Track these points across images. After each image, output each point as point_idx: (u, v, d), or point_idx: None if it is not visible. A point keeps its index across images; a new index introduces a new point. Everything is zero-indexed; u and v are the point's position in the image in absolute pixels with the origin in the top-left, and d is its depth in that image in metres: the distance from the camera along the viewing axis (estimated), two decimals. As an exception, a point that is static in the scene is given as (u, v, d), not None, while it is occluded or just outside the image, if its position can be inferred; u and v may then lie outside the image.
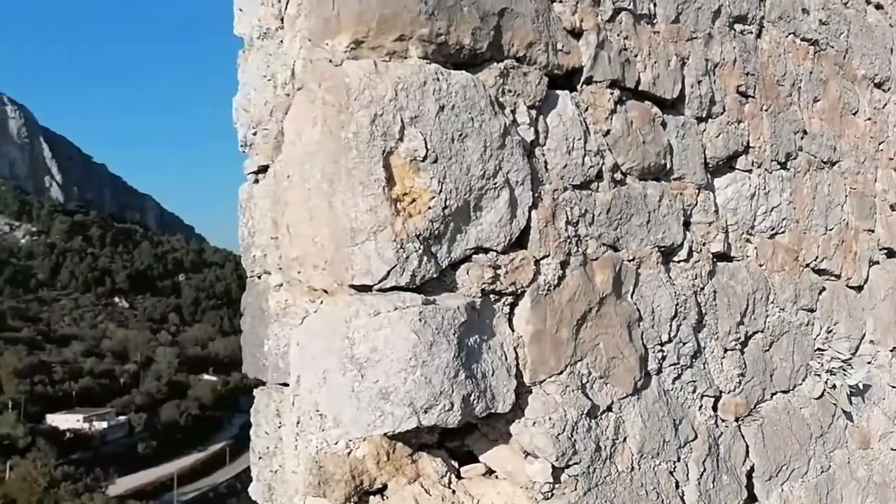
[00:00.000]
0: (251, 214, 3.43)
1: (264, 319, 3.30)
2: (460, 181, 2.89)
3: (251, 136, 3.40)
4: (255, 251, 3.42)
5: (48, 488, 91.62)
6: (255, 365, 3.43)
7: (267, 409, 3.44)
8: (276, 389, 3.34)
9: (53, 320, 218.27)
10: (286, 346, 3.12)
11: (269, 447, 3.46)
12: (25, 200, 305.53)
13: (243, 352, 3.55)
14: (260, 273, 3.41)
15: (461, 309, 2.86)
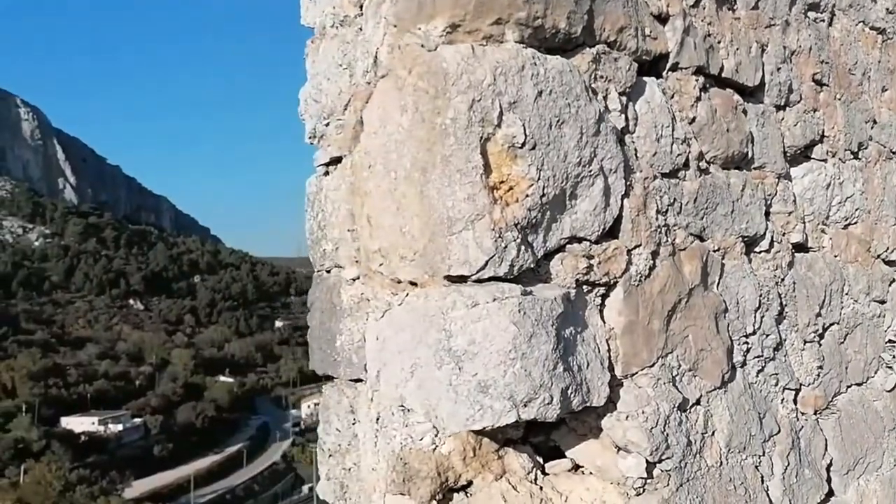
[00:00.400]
0: (321, 207, 3.36)
1: (336, 314, 3.24)
2: (557, 168, 2.82)
3: (322, 128, 3.34)
4: (325, 245, 3.36)
5: (63, 492, 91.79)
6: (325, 361, 3.35)
7: (338, 405, 3.36)
8: (348, 385, 3.28)
9: (68, 323, 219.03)
10: (360, 340, 3.08)
11: (341, 444, 3.38)
12: (39, 202, 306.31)
13: (311, 348, 3.48)
14: (330, 267, 3.35)
15: (558, 300, 2.78)
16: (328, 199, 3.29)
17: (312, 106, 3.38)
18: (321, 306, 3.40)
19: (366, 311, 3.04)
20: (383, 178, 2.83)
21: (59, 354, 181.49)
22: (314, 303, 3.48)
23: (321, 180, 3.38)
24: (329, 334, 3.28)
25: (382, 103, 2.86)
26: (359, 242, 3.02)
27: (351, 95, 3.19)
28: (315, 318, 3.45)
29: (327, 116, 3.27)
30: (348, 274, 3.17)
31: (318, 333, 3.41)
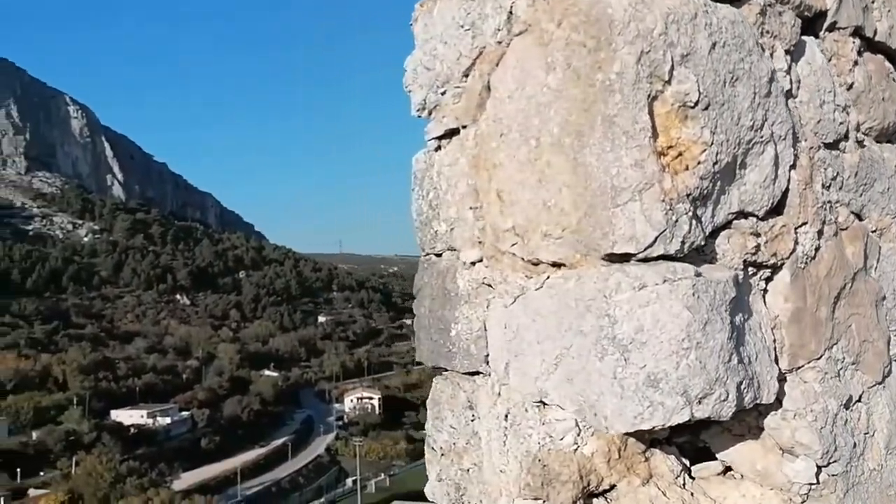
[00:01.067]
0: (433, 185, 3.07)
1: (450, 301, 2.96)
2: (731, 132, 2.50)
3: (436, 97, 3.02)
4: (437, 226, 3.06)
5: (114, 483, 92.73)
6: (436, 352, 3.07)
7: (453, 399, 3.06)
8: (465, 378, 2.99)
9: (116, 317, 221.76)
10: (480, 329, 2.80)
11: (456, 443, 3.05)
12: (88, 199, 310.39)
13: (418, 338, 3.22)
14: (442, 250, 3.07)
15: (730, 283, 2.47)
16: (442, 175, 3.01)
17: (423, 74, 3.07)
18: (431, 293, 3.12)
19: (486, 297, 2.77)
20: (520, 147, 2.54)
21: (108, 348, 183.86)
22: (422, 289, 3.20)
23: (432, 155, 3.09)
24: (442, 323, 3.01)
25: (520, 63, 2.56)
26: (483, 221, 2.74)
27: (474, 59, 2.85)
28: (424, 305, 3.16)
29: (442, 84, 2.97)
30: (467, 256, 2.89)
31: (427, 322, 3.13)
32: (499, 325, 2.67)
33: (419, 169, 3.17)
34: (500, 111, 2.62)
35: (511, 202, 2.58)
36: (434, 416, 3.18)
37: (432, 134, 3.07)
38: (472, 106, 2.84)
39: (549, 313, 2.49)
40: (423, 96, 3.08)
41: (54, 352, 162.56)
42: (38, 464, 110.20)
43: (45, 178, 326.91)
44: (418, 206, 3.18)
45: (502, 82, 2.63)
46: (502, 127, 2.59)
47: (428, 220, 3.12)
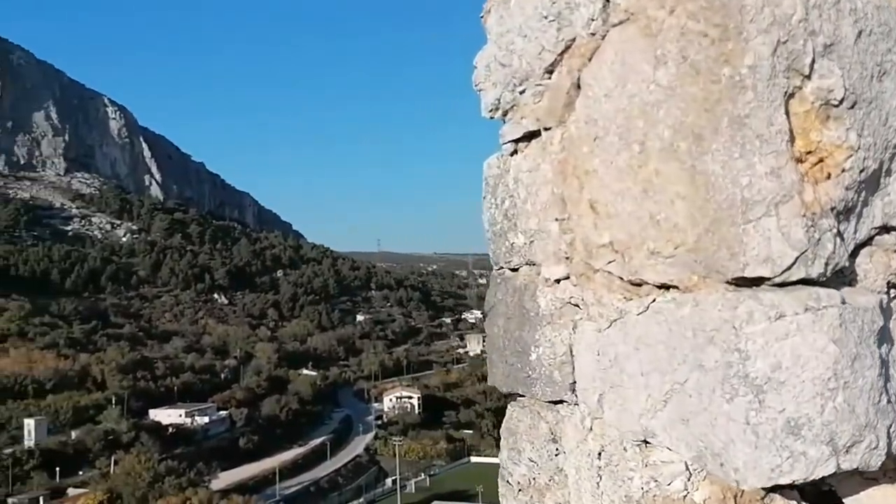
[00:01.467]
0: (509, 193, 2.79)
1: (529, 321, 2.69)
2: (878, 134, 2.13)
3: (512, 96, 2.72)
4: (514, 238, 2.78)
5: (152, 482, 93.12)
6: (512, 376, 2.81)
7: (533, 431, 2.77)
8: (547, 407, 2.71)
9: (154, 317, 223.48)
10: (565, 354, 2.53)
11: (536, 478, 2.75)
12: (126, 199, 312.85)
13: (490, 360, 2.96)
14: (519, 264, 2.79)
15: (876, 310, 2.11)
16: (520, 182, 2.73)
17: (498, 71, 2.78)
18: (506, 311, 2.84)
19: (572, 318, 2.50)
20: (620, 153, 2.22)
21: (146, 348, 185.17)
22: (495, 307, 2.92)
23: (507, 160, 2.82)
24: (519, 345, 2.74)
25: (621, 57, 2.23)
26: (571, 235, 2.46)
27: (559, 53, 2.51)
28: (497, 324, 2.89)
29: (521, 82, 2.67)
30: (551, 273, 2.60)
31: (501, 344, 2.86)
32: (590, 352, 2.39)
33: (492, 175, 2.92)
34: (593, 112, 2.32)
35: (608, 214, 2.28)
36: (510, 446, 2.90)
37: (508, 137, 2.80)
38: (558, 106, 2.50)
39: (656, 342, 2.17)
40: (497, 95, 2.81)
41: (93, 351, 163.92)
42: (77, 463, 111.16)
43: (84, 179, 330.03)
44: (491, 215, 2.92)
45: (597, 79, 2.31)
46: (597, 129, 2.31)
47: (503, 231, 2.86)
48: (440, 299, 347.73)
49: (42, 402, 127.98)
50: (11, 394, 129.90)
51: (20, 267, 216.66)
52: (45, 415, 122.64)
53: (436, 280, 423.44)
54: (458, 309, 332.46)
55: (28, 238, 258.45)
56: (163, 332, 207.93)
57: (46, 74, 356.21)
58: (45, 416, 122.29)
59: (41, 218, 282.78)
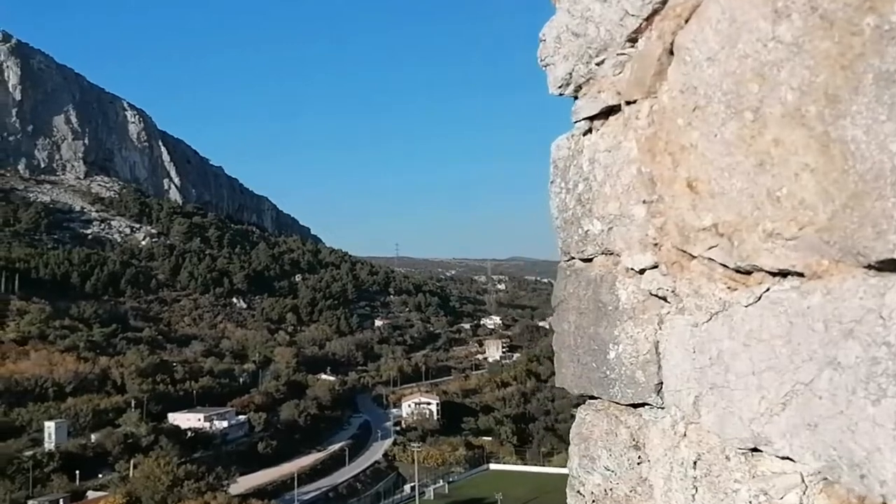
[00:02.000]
0: (583, 175, 2.62)
1: (606, 316, 2.53)
2: None
3: (587, 69, 2.56)
4: (588, 224, 2.59)
5: (171, 486, 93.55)
6: (585, 377, 2.67)
7: (611, 436, 2.60)
8: (627, 411, 2.53)
9: (174, 320, 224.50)
10: (650, 351, 2.36)
11: (614, 489, 2.58)
12: (146, 202, 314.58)
13: (559, 359, 2.82)
14: (594, 254, 2.60)
15: None
16: (596, 163, 2.54)
17: (570, 43, 2.62)
18: (578, 306, 2.69)
19: (657, 312, 2.31)
20: (727, 123, 1.94)
21: (165, 351, 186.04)
22: (565, 301, 2.77)
23: (580, 140, 2.64)
24: (594, 343, 2.59)
25: (729, 13, 1.94)
26: (661, 218, 2.27)
27: (647, 17, 2.26)
28: (567, 320, 2.74)
29: (598, 53, 2.50)
30: (634, 262, 2.40)
31: (572, 341, 2.73)
32: (682, 349, 2.19)
33: (561, 157, 2.77)
34: (692, 79, 2.09)
35: (711, 193, 2.03)
36: (581, 453, 2.76)
37: (582, 114, 2.62)
38: (646, 76, 2.29)
39: (772, 337, 1.88)
40: (569, 69, 2.65)
41: (112, 354, 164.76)
42: (97, 466, 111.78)
43: (104, 183, 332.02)
44: (561, 201, 2.76)
45: (697, 42, 2.06)
46: (697, 98, 2.07)
47: (575, 217, 2.68)
48: (459, 304, 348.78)
49: (62, 404, 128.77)
50: (32, 396, 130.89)
51: (41, 270, 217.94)
52: (65, 417, 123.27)
53: (454, 285, 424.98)
54: (477, 314, 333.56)
55: (48, 241, 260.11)
56: (182, 335, 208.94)
57: (66, 78, 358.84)
58: (65, 418, 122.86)
59: (61, 221, 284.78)
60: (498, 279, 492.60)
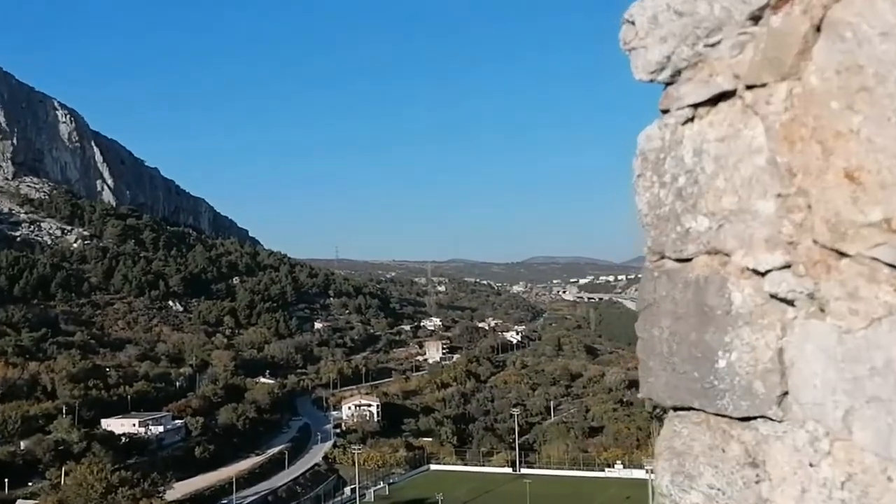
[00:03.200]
0: (685, 167, 2.41)
1: (715, 321, 2.33)
2: None
3: (691, 51, 2.37)
4: (690, 221, 2.39)
5: (105, 494, 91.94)
6: (683, 387, 2.44)
7: (716, 452, 2.38)
8: (740, 425, 2.31)
9: (107, 324, 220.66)
10: (771, 360, 2.18)
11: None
12: (77, 204, 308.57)
13: (646, 367, 2.60)
14: (696, 253, 2.39)
15: None
16: (705, 154, 2.35)
17: (671, 23, 2.41)
18: (675, 310, 2.49)
19: (780, 317, 2.14)
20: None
21: (98, 356, 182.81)
22: (655, 304, 2.57)
23: (680, 129, 2.43)
24: (697, 350, 2.40)
25: None
26: (802, 214, 2.08)
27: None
28: (659, 325, 2.54)
29: (709, 33, 2.30)
30: (758, 262, 2.19)
31: (666, 348, 2.52)
32: (825, 357, 2.02)
33: (653, 148, 2.55)
34: (857, 57, 1.92)
35: (881, 185, 1.87)
36: (674, 470, 2.53)
37: (687, 100, 2.42)
38: (786, 56, 2.11)
39: None
40: (667, 52, 2.44)
41: (42, 360, 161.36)
42: (27, 474, 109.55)
43: (33, 184, 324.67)
44: (652, 196, 2.55)
45: (865, 16, 1.91)
46: (863, 79, 1.91)
47: (672, 214, 2.46)
48: (399, 306, 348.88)
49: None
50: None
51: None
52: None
53: (395, 287, 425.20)
54: (417, 316, 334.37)
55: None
56: (115, 339, 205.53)
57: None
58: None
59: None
60: (438, 281, 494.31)
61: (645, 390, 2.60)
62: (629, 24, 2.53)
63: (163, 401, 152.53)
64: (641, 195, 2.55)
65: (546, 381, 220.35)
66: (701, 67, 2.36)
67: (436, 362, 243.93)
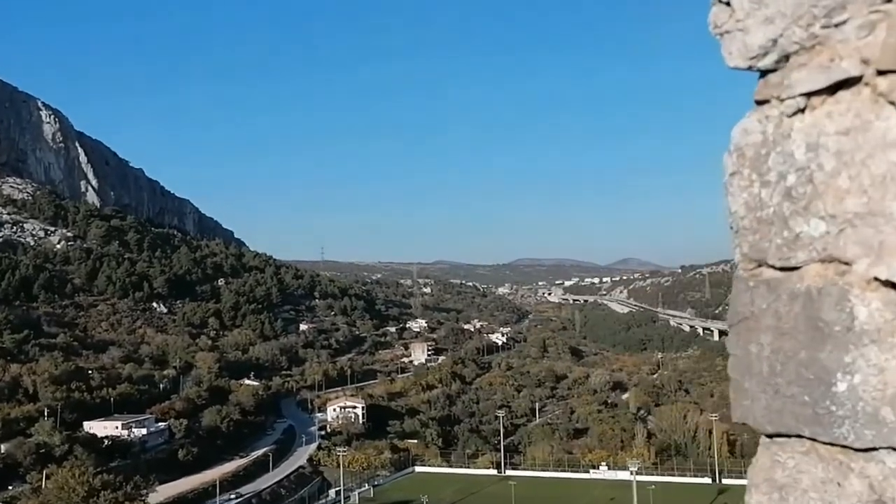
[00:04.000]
0: (799, 165, 2.17)
1: (833, 339, 2.10)
2: None
3: (808, 33, 2.13)
4: (802, 226, 2.17)
5: (87, 497, 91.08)
6: (788, 412, 2.21)
7: (831, 486, 2.13)
8: (864, 457, 2.08)
9: (90, 326, 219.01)
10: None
11: None
12: (61, 205, 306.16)
13: (739, 388, 2.35)
14: (808, 261, 2.17)
15: None
16: (822, 148, 2.11)
17: (779, 2, 2.16)
18: (778, 324, 2.24)
19: None
20: None
21: (81, 358, 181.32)
22: (754, 318, 2.30)
23: (787, 122, 2.19)
24: (809, 371, 2.17)
25: None
26: None
27: None
28: (758, 342, 2.28)
29: (829, 11, 2.06)
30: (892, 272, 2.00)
31: (767, 367, 2.27)
32: None
33: (752, 143, 2.31)
34: None
35: None
36: (763, 494, 2.32)
37: (800, 88, 2.19)
38: None
39: None
40: (774, 34, 2.21)
41: (24, 362, 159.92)
42: (7, 478, 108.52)
43: (16, 184, 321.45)
44: (751, 197, 2.32)
45: None
46: None
47: (778, 217, 2.24)
48: (384, 308, 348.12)
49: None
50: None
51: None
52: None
53: (380, 289, 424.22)
54: (403, 318, 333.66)
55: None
56: (99, 341, 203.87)
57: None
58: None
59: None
60: (423, 283, 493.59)
61: (739, 414, 2.35)
62: (723, 4, 2.30)
63: (146, 403, 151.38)
64: (736, 195, 2.31)
65: (531, 382, 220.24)
66: (818, 51, 2.14)
67: (421, 364, 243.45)
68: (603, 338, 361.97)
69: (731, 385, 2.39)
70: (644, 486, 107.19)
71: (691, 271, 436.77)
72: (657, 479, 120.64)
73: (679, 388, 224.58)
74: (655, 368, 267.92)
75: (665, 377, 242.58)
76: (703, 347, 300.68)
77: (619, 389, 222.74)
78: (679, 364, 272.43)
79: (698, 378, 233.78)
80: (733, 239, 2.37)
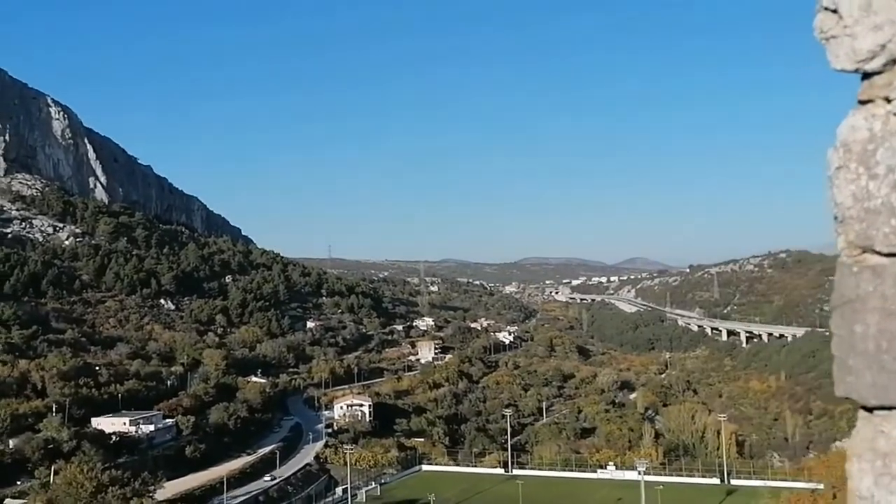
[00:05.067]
0: None
1: None
2: None
3: None
4: None
5: (95, 493, 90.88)
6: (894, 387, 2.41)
7: None
8: None
9: (98, 322, 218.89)
10: None
11: None
12: (70, 201, 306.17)
13: (846, 366, 2.52)
14: None
15: None
16: None
17: (890, 9, 2.40)
18: (886, 305, 2.46)
19: None
20: None
21: (89, 354, 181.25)
22: (859, 300, 2.51)
23: (894, 120, 2.43)
24: None
25: None
26: None
27: None
28: (864, 322, 2.48)
29: None
30: None
31: (874, 345, 2.45)
32: None
33: (859, 139, 2.54)
34: None
35: None
36: (879, 471, 2.45)
37: None
38: None
39: None
40: (884, 39, 2.42)
41: (33, 357, 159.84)
42: (16, 473, 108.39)
43: (25, 181, 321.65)
44: (858, 188, 2.55)
45: None
46: None
47: (886, 207, 2.46)
48: (392, 306, 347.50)
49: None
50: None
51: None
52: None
53: (387, 287, 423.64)
54: (410, 316, 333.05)
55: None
56: (107, 337, 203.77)
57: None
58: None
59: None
60: (431, 281, 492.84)
61: (842, 389, 2.50)
62: (829, 11, 2.49)
63: (154, 399, 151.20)
64: (843, 188, 2.51)
65: (538, 381, 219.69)
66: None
67: (428, 362, 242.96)
68: (610, 337, 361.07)
69: (834, 362, 2.54)
70: (652, 487, 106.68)
71: (699, 271, 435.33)
72: (665, 480, 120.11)
73: (687, 388, 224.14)
74: (663, 368, 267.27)
75: (673, 377, 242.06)
76: (711, 347, 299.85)
77: (627, 389, 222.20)
78: (687, 364, 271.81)
79: (706, 378, 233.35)
80: (836, 228, 2.54)
